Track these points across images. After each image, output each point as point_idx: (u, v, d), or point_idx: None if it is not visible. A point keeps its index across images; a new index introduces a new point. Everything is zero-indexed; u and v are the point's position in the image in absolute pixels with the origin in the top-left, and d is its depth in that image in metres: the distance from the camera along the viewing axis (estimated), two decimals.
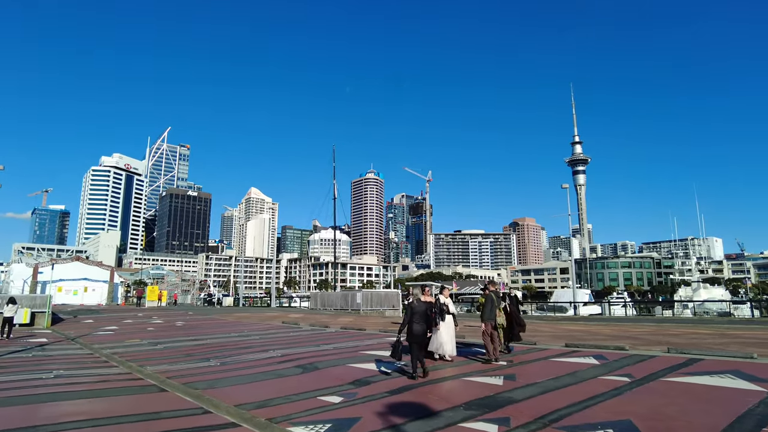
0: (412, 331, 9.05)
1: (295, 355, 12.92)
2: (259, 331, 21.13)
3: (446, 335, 10.50)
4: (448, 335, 10.56)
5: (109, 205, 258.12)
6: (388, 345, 14.88)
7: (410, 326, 9.09)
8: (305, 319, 28.56)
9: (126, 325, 24.74)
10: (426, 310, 9.19)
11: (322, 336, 18.45)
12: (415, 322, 9.03)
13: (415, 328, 9.02)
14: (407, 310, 9.28)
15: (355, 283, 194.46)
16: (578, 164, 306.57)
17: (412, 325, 9.05)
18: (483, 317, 10.74)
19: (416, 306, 9.20)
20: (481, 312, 10.95)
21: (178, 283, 77.67)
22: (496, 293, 11.19)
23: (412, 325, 9.05)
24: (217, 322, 27.04)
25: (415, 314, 9.09)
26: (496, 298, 11.02)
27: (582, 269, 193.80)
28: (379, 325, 23.55)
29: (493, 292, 11.04)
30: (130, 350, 14.67)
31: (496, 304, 11.01)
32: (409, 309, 9.25)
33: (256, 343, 16.31)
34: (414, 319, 9.05)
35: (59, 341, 17.67)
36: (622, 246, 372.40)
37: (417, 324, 9.02)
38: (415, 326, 9.02)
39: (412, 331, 9.05)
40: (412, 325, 9.05)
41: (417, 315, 9.08)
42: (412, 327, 9.06)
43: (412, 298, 10.55)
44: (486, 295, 11.03)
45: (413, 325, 9.05)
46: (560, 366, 10.37)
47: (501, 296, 11.57)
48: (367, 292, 41.86)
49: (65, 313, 32.84)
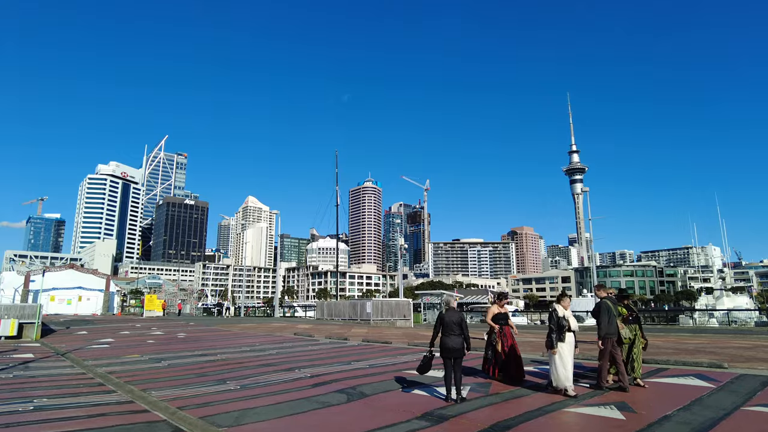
0: (445, 345, 7.80)
1: (328, 375, 10.82)
2: (273, 344, 18.98)
3: (571, 361, 8.10)
4: (572, 361, 8.14)
5: (105, 214, 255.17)
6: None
7: (443, 339, 7.84)
8: (317, 330, 26.43)
9: (123, 338, 22.54)
10: (460, 320, 7.87)
11: (346, 351, 16.34)
12: (448, 335, 7.77)
13: (448, 342, 7.76)
14: (438, 321, 7.97)
15: (355, 292, 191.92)
16: (576, 173, 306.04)
17: (446, 338, 7.80)
18: (600, 332, 8.35)
19: (449, 316, 7.89)
20: (598, 325, 8.51)
21: (177, 293, 75.24)
22: (611, 299, 8.67)
23: (446, 338, 7.80)
24: (223, 334, 24.86)
25: (446, 325, 7.81)
26: (613, 306, 8.48)
27: (584, 278, 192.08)
28: (402, 336, 21.45)
29: (607, 298, 8.61)
30: (129, 368, 12.54)
31: (614, 313, 8.47)
32: (440, 320, 7.92)
33: (274, 359, 14.19)
34: (446, 330, 7.80)
35: (47, 357, 15.49)
36: (621, 255, 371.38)
37: (450, 336, 7.76)
38: (449, 339, 7.76)
39: (445, 345, 7.80)
40: (446, 337, 7.80)
41: (450, 326, 7.80)
42: (445, 340, 7.81)
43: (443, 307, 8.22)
44: (600, 302, 8.60)
45: (447, 337, 7.79)
46: (672, 390, 8.33)
47: None
48: (377, 301, 39.71)
49: (57, 323, 30.59)
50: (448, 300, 8.26)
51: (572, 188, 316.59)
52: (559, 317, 8.03)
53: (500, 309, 9.84)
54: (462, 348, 7.78)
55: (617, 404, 7.27)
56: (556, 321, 7.98)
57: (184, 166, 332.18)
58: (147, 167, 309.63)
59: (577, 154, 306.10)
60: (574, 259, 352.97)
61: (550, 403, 7.59)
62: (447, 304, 8.18)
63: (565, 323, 7.97)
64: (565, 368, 7.93)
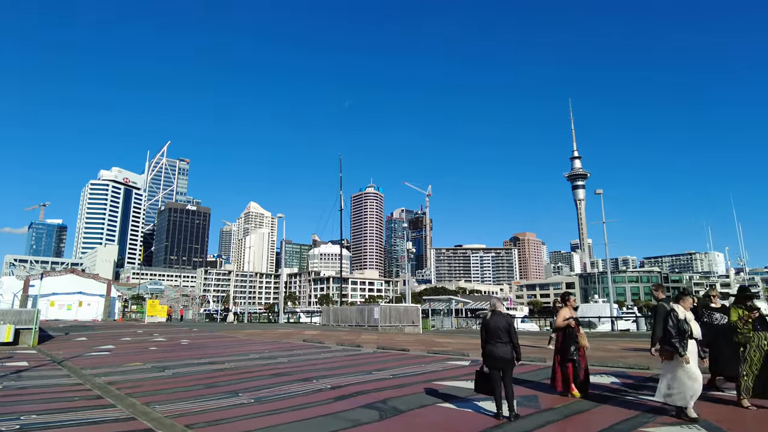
0: (492, 354, 6.95)
1: (350, 386, 9.78)
2: (282, 351, 17.93)
3: (697, 372, 6.58)
4: (698, 372, 6.66)
5: (107, 220, 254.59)
6: (456, 371, 11.79)
7: (488, 347, 7.02)
8: (325, 336, 25.36)
9: (124, 344, 21.50)
10: (508, 325, 7.01)
11: (362, 359, 15.29)
12: (495, 342, 6.94)
13: (496, 350, 6.92)
14: (482, 328, 7.17)
15: (357, 298, 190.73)
16: (578, 179, 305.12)
17: (492, 346, 6.97)
18: (654, 339, 7.28)
19: (494, 321, 7.02)
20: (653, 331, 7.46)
21: (179, 298, 74.19)
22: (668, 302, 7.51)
23: (492, 346, 6.97)
24: (228, 340, 23.82)
25: (492, 332, 6.98)
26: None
27: (588, 284, 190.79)
28: (416, 343, 20.40)
29: (666, 300, 7.58)
30: (130, 378, 11.51)
31: None
32: (485, 326, 7.10)
33: (287, 367, 13.14)
34: (492, 337, 6.97)
35: (42, 365, 14.46)
36: (624, 261, 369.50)
37: (496, 344, 6.93)
38: (496, 347, 6.93)
39: (492, 354, 6.95)
40: (492, 345, 6.97)
41: (496, 332, 6.96)
42: (491, 348, 6.97)
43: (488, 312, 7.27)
44: (658, 305, 7.59)
45: (493, 345, 6.96)
46: None
47: None
48: (385, 306, 38.66)
49: (56, 329, 29.54)
50: (495, 303, 7.30)
51: (574, 194, 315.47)
52: (680, 320, 6.63)
53: (572, 312, 8.72)
54: (512, 357, 6.93)
55: (709, 427, 6.21)
56: (675, 325, 6.59)
57: (187, 172, 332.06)
58: (149, 173, 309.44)
59: (579, 159, 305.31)
60: (577, 265, 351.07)
61: (622, 419, 6.56)
62: (493, 307, 7.22)
63: (687, 328, 6.61)
64: (694, 381, 6.48)
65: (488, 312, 7.21)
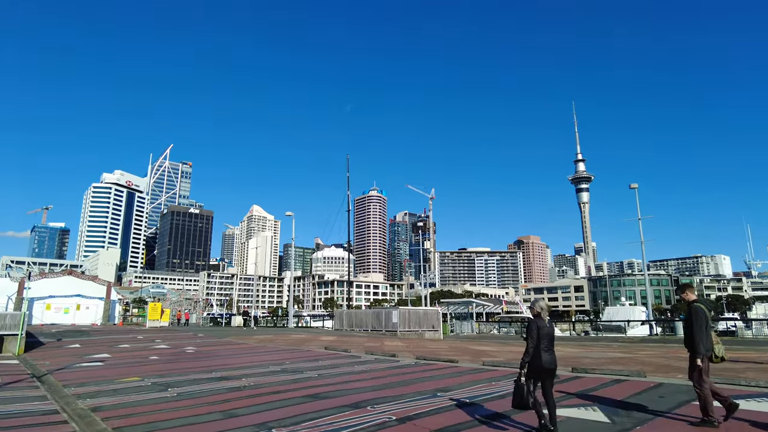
0: (546, 363, 6.10)
1: (425, 418, 7.11)
2: (305, 361, 15.25)
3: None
4: None
5: (110, 223, 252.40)
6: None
7: (544, 355, 6.11)
8: (345, 342, 22.70)
9: (121, 353, 18.85)
10: (553, 331, 6.35)
11: (408, 373, 12.61)
12: (548, 350, 6.17)
13: (550, 358, 6.17)
14: (532, 332, 6.17)
15: (362, 302, 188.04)
16: (581, 182, 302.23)
17: (547, 354, 6.13)
18: (695, 346, 6.43)
19: (545, 326, 6.22)
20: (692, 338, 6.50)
21: (182, 301, 71.56)
22: (705, 303, 6.74)
23: (547, 354, 6.13)
24: (238, 348, 21.14)
25: (545, 337, 6.18)
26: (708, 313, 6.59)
27: (597, 287, 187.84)
28: (457, 351, 17.74)
29: (699, 301, 6.67)
30: (123, 400, 8.87)
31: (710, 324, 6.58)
32: (537, 329, 6.15)
33: (321, 385, 10.46)
34: (545, 344, 6.15)
35: (18, 381, 11.82)
36: (629, 264, 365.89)
37: (546, 352, 6.14)
38: (550, 355, 6.18)
39: (546, 363, 6.10)
40: (546, 353, 6.13)
41: (550, 338, 6.23)
42: (546, 356, 6.11)
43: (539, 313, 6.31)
44: (691, 307, 6.64)
45: (548, 353, 6.14)
46: None
47: None
48: (404, 310, 36.00)
49: (48, 335, 26.95)
50: (542, 306, 6.32)
51: (578, 197, 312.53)
52: None
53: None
54: (556, 365, 6.23)
55: None
56: None
57: (189, 175, 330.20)
58: (152, 176, 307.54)
59: (582, 162, 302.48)
60: (581, 268, 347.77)
61: None
62: (542, 310, 6.29)
63: None
64: None
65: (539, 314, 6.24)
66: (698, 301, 6.69)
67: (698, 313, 6.51)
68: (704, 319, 6.46)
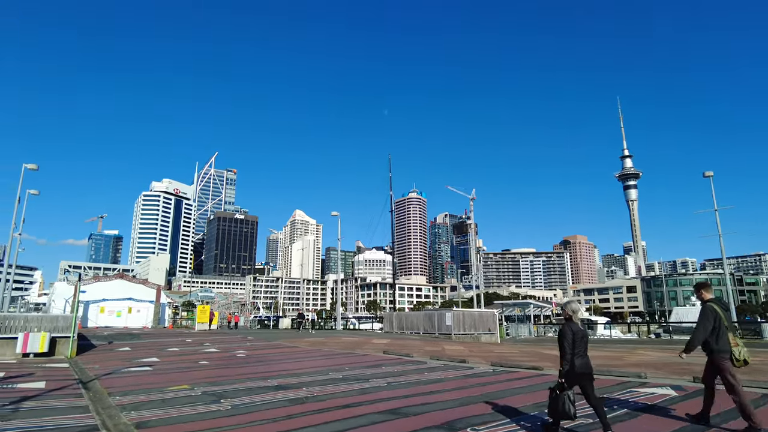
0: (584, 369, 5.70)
1: None
2: (366, 367, 13.76)
3: None
4: None
5: (159, 229, 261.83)
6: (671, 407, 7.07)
7: (579, 361, 5.70)
8: (402, 346, 21.10)
9: (170, 357, 17.98)
10: (587, 335, 5.97)
11: (491, 383, 10.87)
12: (584, 355, 5.75)
13: (588, 363, 5.77)
14: (568, 337, 5.66)
15: (405, 304, 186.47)
16: (629, 179, 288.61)
17: (583, 360, 5.74)
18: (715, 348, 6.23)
19: (579, 329, 5.78)
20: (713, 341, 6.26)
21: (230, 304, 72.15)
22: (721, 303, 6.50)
23: (583, 360, 5.74)
24: (290, 351, 19.95)
25: (580, 342, 5.73)
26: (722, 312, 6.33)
27: (651, 287, 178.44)
28: (530, 357, 15.79)
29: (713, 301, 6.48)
30: (171, 414, 7.61)
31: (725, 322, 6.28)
32: (572, 334, 5.68)
33: (395, 397, 8.90)
34: (581, 349, 5.72)
35: (63, 387, 10.89)
36: (683, 263, 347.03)
37: (586, 357, 5.77)
38: (587, 360, 5.77)
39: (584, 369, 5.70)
40: (583, 359, 5.73)
41: (585, 343, 5.80)
42: (582, 362, 5.72)
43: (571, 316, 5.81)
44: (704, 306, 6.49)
45: (584, 358, 5.75)
46: None
47: None
48: (458, 312, 34.12)
49: (100, 338, 26.74)
50: (576, 308, 6.02)
51: (626, 194, 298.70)
52: None
53: None
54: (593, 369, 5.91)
55: None
56: None
57: (234, 182, 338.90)
58: (198, 183, 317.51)
59: (630, 158, 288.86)
60: (631, 268, 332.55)
61: None
62: (573, 312, 5.95)
63: None
64: None
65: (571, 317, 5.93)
66: (712, 300, 6.55)
67: (704, 311, 6.43)
68: (709, 318, 6.30)
